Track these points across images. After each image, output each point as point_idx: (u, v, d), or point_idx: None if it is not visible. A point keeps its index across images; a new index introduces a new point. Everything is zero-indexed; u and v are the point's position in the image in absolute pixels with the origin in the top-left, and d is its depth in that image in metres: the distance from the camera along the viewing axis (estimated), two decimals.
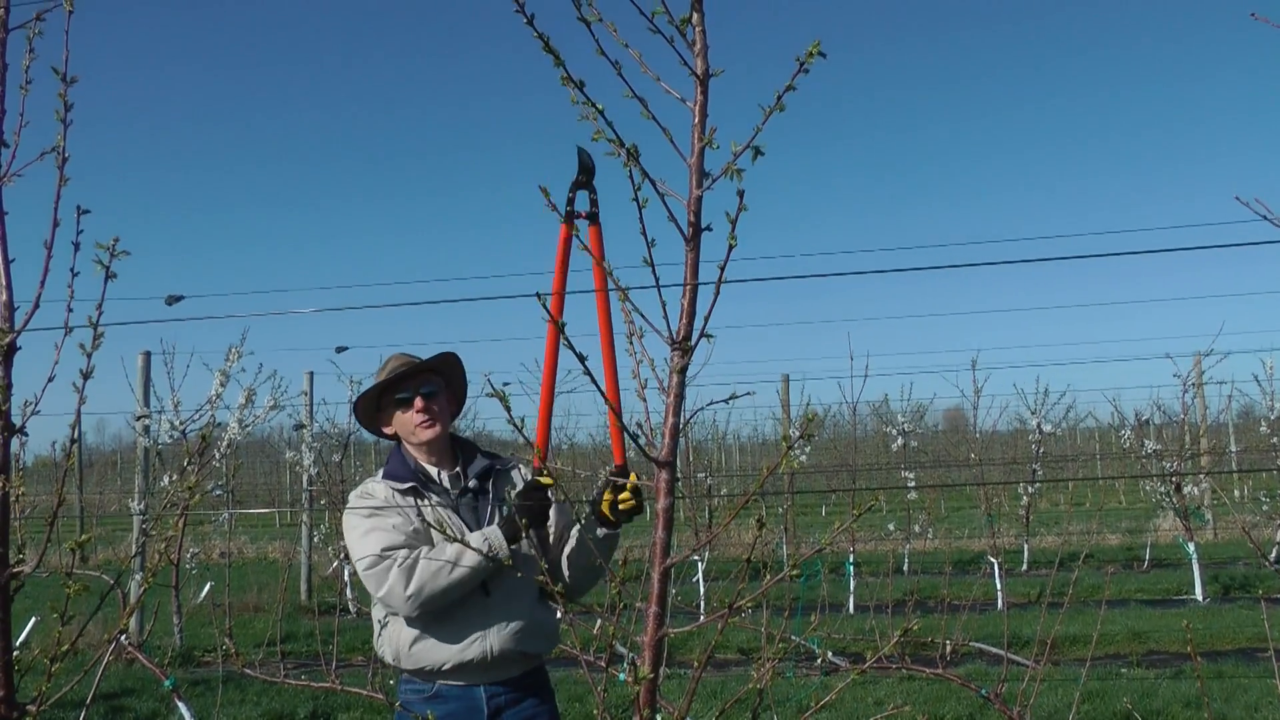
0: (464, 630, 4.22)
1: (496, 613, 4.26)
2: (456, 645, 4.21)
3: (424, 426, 4.42)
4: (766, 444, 39.78)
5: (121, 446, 54.93)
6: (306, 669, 11.41)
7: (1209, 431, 21.49)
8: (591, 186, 4.06)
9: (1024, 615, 13.45)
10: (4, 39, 2.98)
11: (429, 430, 4.42)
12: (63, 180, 2.94)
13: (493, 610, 4.26)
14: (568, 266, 4.08)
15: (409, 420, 4.45)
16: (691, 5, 2.58)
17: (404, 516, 4.27)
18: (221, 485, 15.84)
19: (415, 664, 4.24)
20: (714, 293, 2.61)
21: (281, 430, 35.07)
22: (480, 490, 4.47)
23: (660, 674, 2.73)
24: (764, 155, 2.52)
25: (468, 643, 4.21)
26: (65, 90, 2.95)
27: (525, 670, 4.37)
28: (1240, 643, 11.92)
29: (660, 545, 2.64)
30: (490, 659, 4.23)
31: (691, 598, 15.35)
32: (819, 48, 2.42)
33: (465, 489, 4.45)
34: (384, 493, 4.35)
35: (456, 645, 4.21)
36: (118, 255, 2.97)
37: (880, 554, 19.32)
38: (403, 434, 4.51)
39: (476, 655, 4.21)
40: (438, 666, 4.22)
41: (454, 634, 4.22)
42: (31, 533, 4.46)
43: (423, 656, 4.23)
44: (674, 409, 2.66)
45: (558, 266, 4.07)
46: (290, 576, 15.74)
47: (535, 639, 4.35)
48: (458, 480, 4.47)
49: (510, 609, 4.28)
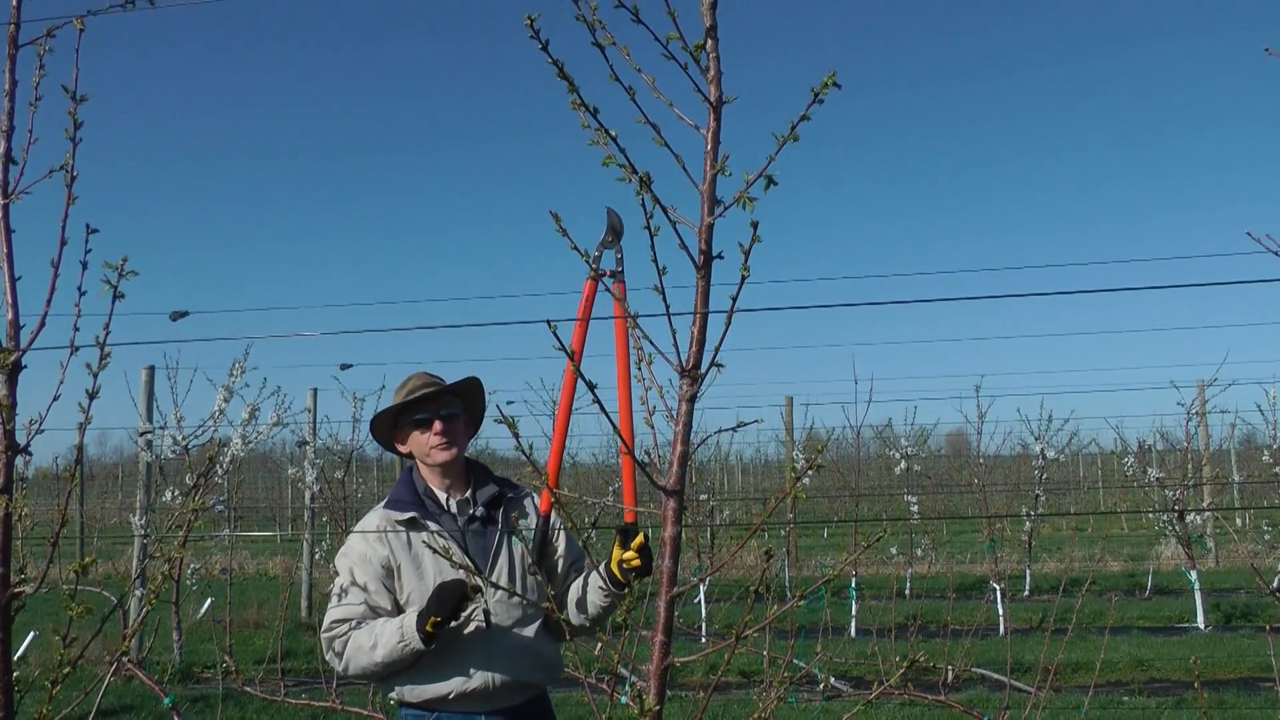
0: (466, 661, 4.21)
1: (499, 643, 4.25)
2: (459, 677, 4.20)
3: (440, 449, 4.42)
4: (770, 465, 39.66)
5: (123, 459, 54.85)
6: (306, 687, 11.37)
7: (1212, 460, 21.48)
8: (619, 246, 4.13)
9: (1026, 641, 13.41)
10: (14, 55, 2.98)
11: (445, 453, 4.42)
12: (71, 199, 2.94)
13: (495, 640, 4.24)
14: (589, 321, 4.11)
15: (425, 441, 4.45)
16: (706, 31, 2.58)
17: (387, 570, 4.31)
18: (224, 501, 15.80)
19: (418, 696, 4.24)
20: (725, 322, 2.60)
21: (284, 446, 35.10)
22: (489, 519, 4.46)
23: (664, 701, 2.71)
24: (777, 185, 2.51)
25: (470, 673, 4.20)
26: (75, 108, 2.94)
27: (527, 699, 4.36)
28: (1242, 672, 11.88)
29: (667, 574, 2.63)
30: (492, 689, 4.22)
31: (693, 619, 15.32)
32: (834, 79, 2.42)
33: (473, 516, 4.44)
34: (377, 523, 4.36)
35: (459, 677, 4.20)
36: (126, 275, 2.96)
37: (883, 578, 19.27)
38: (418, 454, 4.51)
39: (479, 685, 4.20)
40: (440, 697, 4.21)
41: (456, 665, 4.21)
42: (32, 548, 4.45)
43: (426, 689, 4.22)
44: (682, 437, 2.65)
45: (579, 322, 4.10)
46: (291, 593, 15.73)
47: (537, 670, 4.34)
48: (466, 506, 4.46)
49: (512, 639, 4.27)
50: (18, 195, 2.97)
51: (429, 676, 4.21)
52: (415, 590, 4.25)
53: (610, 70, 2.52)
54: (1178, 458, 19.71)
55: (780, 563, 18.34)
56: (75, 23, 2.94)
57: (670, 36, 2.51)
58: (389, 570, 4.28)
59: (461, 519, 4.42)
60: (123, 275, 2.96)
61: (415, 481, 4.49)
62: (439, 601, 4.05)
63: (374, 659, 4.14)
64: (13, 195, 2.96)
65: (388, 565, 4.28)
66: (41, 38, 2.95)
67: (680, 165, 2.58)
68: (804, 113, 2.46)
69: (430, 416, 4.44)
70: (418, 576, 4.27)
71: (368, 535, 4.34)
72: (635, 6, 2.50)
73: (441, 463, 4.43)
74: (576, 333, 4.09)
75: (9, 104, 2.97)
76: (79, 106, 2.94)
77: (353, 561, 4.31)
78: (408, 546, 4.30)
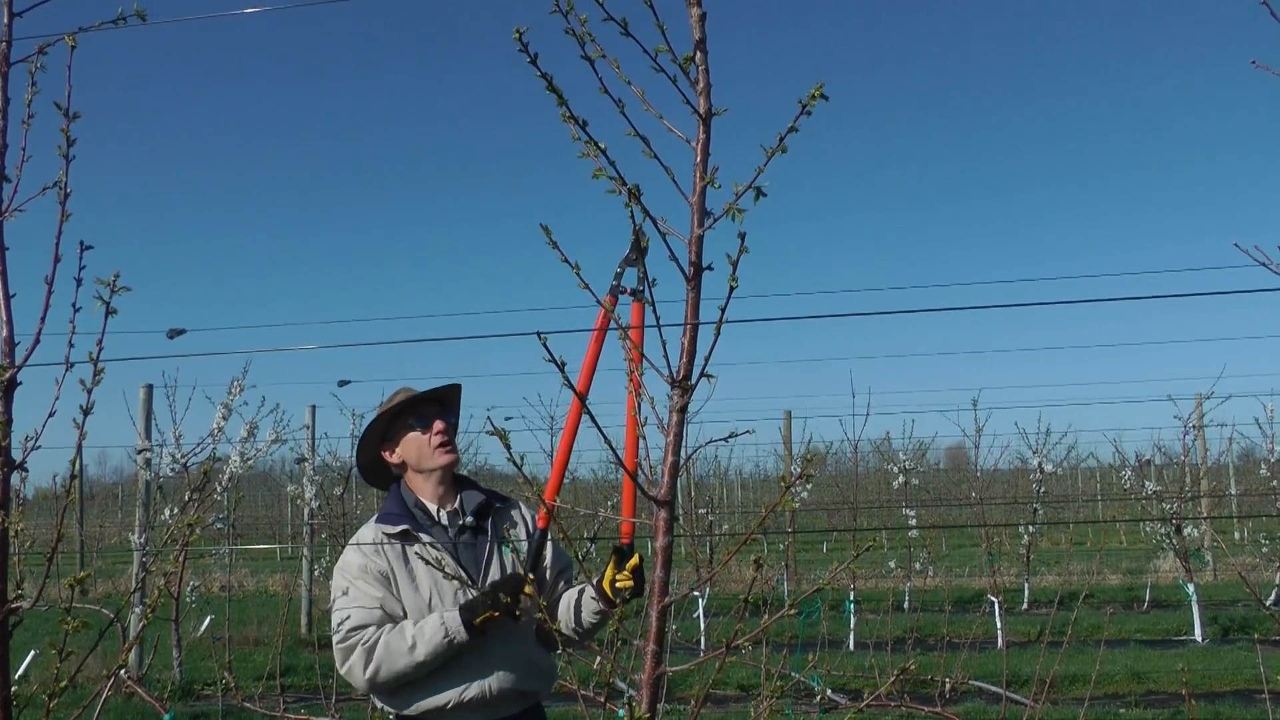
0: (463, 672, 4.21)
1: (494, 653, 4.25)
2: (456, 687, 4.20)
3: (442, 450, 4.42)
4: (768, 480, 39.62)
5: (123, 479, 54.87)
6: (306, 703, 11.34)
7: (1209, 473, 21.45)
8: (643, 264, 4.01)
9: (1024, 654, 13.38)
10: (6, 73, 2.99)
11: (447, 455, 4.43)
12: (64, 215, 2.95)
13: (490, 651, 4.24)
14: (604, 339, 4.10)
15: (424, 442, 4.45)
16: (695, 44, 2.60)
17: (386, 581, 4.29)
18: (223, 518, 15.79)
19: (415, 709, 4.23)
20: (714, 334, 2.61)
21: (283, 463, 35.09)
22: (479, 529, 4.47)
23: (659, 711, 2.72)
24: (766, 196, 2.53)
25: (466, 683, 4.20)
26: (67, 125, 2.95)
27: (523, 709, 4.36)
28: (1238, 684, 11.86)
29: (659, 584, 2.64)
30: (489, 698, 4.22)
31: (691, 634, 15.30)
32: (821, 90, 2.43)
33: (463, 526, 4.44)
34: (372, 537, 4.36)
35: (456, 687, 4.20)
36: (119, 291, 2.97)
37: (881, 591, 19.24)
38: (414, 458, 4.50)
39: (475, 695, 4.20)
40: (438, 708, 4.21)
41: (453, 676, 4.21)
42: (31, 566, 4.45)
43: (422, 702, 4.22)
44: (673, 448, 2.66)
45: (594, 339, 4.09)
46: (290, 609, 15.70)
47: (533, 678, 4.34)
48: (455, 518, 4.46)
49: (508, 649, 4.27)
50: (11, 212, 2.98)
51: (427, 687, 4.21)
52: (411, 602, 4.25)
53: (600, 83, 2.54)
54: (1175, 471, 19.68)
55: (779, 576, 18.30)
56: (67, 40, 2.95)
57: (659, 49, 2.52)
58: (388, 580, 4.28)
59: (452, 530, 4.43)
60: (115, 291, 2.97)
61: (404, 495, 4.48)
62: (495, 596, 4.08)
63: (414, 659, 4.11)
64: (6, 212, 2.98)
65: (386, 576, 4.28)
66: (34, 55, 2.96)
67: (670, 177, 2.59)
68: (791, 124, 2.47)
69: (431, 417, 4.46)
70: (413, 589, 4.27)
71: (363, 548, 4.33)
72: (624, 20, 2.52)
73: (442, 465, 4.43)
74: (590, 349, 4.10)
75: (2, 121, 2.98)
76: (72, 123, 2.96)
77: (354, 574, 4.30)
78: (402, 559, 4.30)
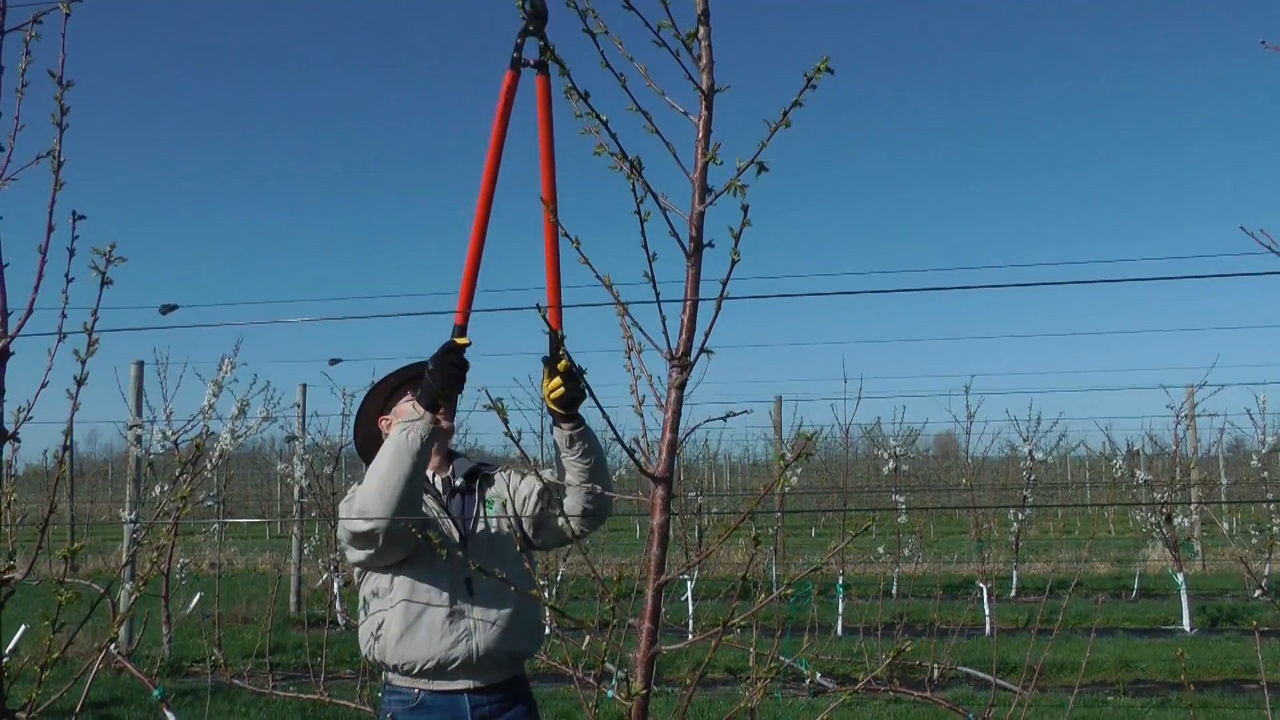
0: (449, 628, 4.21)
1: (481, 612, 4.25)
2: (442, 643, 4.19)
3: (445, 416, 4.41)
4: (758, 464, 39.61)
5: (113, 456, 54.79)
6: (295, 680, 11.33)
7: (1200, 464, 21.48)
8: (543, 34, 3.63)
9: (1012, 641, 13.42)
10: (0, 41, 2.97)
11: (448, 421, 4.42)
12: (58, 185, 2.93)
13: (477, 609, 4.25)
14: (508, 117, 3.90)
15: None
16: (698, 20, 2.58)
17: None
18: (213, 496, 15.77)
19: (400, 659, 4.21)
20: (715, 309, 2.60)
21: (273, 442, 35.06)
22: (467, 490, 4.52)
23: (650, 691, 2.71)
24: (768, 171, 2.51)
25: (453, 641, 4.20)
26: (61, 94, 2.93)
27: (509, 676, 4.37)
28: (1227, 674, 11.89)
29: (655, 562, 2.63)
30: (475, 658, 4.21)
31: (680, 616, 15.31)
32: (827, 64, 2.41)
33: (454, 490, 4.50)
34: None
35: (442, 643, 4.19)
36: (114, 261, 2.95)
37: (870, 576, 19.24)
38: None
39: (462, 654, 4.19)
40: (422, 663, 4.19)
41: (439, 632, 4.20)
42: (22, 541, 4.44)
43: (408, 652, 4.20)
44: (672, 425, 2.65)
45: (498, 117, 3.88)
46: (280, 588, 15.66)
47: (520, 638, 4.35)
48: (447, 484, 4.52)
49: (494, 608, 4.27)
50: (4, 182, 2.96)
51: (412, 643, 4.21)
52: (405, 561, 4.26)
53: (602, 57, 2.52)
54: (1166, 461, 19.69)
55: (768, 560, 18.31)
56: (62, 7, 2.93)
57: (662, 24, 2.51)
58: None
59: (445, 495, 4.48)
60: (111, 261, 2.95)
61: None
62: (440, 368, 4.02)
63: (380, 467, 4.03)
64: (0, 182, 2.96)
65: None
66: (28, 23, 2.94)
67: (671, 153, 2.58)
68: (796, 98, 2.46)
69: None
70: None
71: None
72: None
73: (445, 431, 4.41)
74: (494, 134, 3.90)
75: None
76: (65, 92, 2.94)
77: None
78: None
